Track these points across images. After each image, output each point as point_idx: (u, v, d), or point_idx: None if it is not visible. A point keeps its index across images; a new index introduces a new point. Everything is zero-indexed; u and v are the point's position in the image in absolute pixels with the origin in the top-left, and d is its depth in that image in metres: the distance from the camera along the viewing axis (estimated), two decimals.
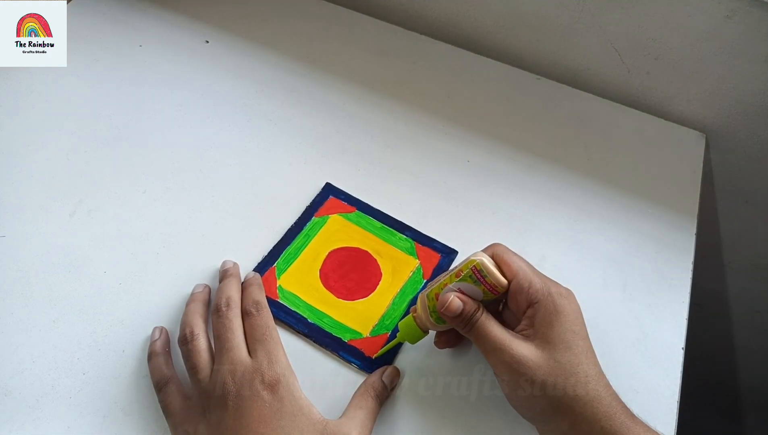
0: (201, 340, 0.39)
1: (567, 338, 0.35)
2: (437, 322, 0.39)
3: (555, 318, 0.36)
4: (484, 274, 0.37)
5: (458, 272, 0.38)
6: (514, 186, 0.53)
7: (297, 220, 0.49)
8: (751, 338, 0.79)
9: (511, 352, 0.35)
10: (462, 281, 0.38)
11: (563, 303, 0.37)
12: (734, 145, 0.60)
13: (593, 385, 0.34)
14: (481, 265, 0.37)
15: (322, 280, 0.46)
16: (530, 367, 0.35)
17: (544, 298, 0.36)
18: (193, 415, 0.36)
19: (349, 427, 0.36)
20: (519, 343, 0.36)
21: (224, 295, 0.41)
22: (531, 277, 0.37)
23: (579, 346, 0.36)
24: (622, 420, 0.34)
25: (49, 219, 0.48)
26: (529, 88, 0.62)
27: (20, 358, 0.41)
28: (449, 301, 0.37)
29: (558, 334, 0.35)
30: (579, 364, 0.35)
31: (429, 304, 0.39)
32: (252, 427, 0.34)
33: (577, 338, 0.36)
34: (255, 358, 0.37)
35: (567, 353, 0.35)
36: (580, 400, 0.34)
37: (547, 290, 0.37)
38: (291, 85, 0.60)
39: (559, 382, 0.34)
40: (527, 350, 0.35)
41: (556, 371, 0.35)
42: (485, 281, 0.37)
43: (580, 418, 0.34)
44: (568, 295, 0.38)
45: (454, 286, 0.38)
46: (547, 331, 0.36)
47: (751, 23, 0.51)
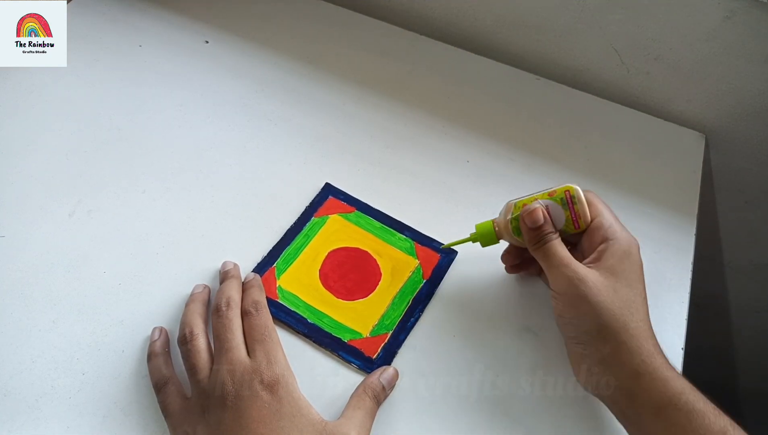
0: (200, 340, 0.39)
1: (631, 277, 0.38)
2: (514, 232, 0.41)
3: (626, 257, 0.38)
4: (575, 201, 0.40)
5: (552, 192, 0.41)
6: (514, 186, 0.53)
7: (296, 220, 0.49)
8: (751, 338, 0.79)
9: (575, 268, 0.38)
10: (552, 200, 0.40)
11: (635, 250, 0.39)
12: (734, 146, 0.60)
13: (641, 323, 0.37)
14: (575, 192, 0.40)
15: (322, 281, 0.46)
16: (589, 286, 0.37)
17: (621, 238, 0.39)
18: (192, 415, 0.36)
19: (348, 427, 0.36)
20: (584, 266, 0.38)
21: (224, 295, 0.41)
22: (612, 220, 0.40)
23: (638, 288, 0.38)
24: (661, 361, 0.36)
25: (48, 219, 0.48)
26: (529, 88, 0.62)
27: (20, 358, 0.41)
28: (533, 208, 0.40)
29: (624, 270, 0.38)
30: (634, 301, 0.37)
31: (514, 212, 0.41)
32: (251, 427, 0.34)
33: (639, 282, 0.38)
34: (254, 359, 0.37)
35: (626, 288, 0.37)
36: (627, 331, 0.36)
37: (625, 234, 0.40)
38: (291, 85, 0.60)
39: (613, 308, 0.36)
40: (590, 273, 0.38)
41: (613, 298, 0.37)
42: (573, 208, 0.40)
43: (623, 347, 0.36)
44: (639, 249, 0.40)
45: (542, 202, 0.40)
46: (616, 264, 0.38)
47: (751, 23, 0.51)
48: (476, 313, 0.45)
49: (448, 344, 0.43)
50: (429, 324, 0.44)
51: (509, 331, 0.44)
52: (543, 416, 0.40)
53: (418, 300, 0.45)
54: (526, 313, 0.45)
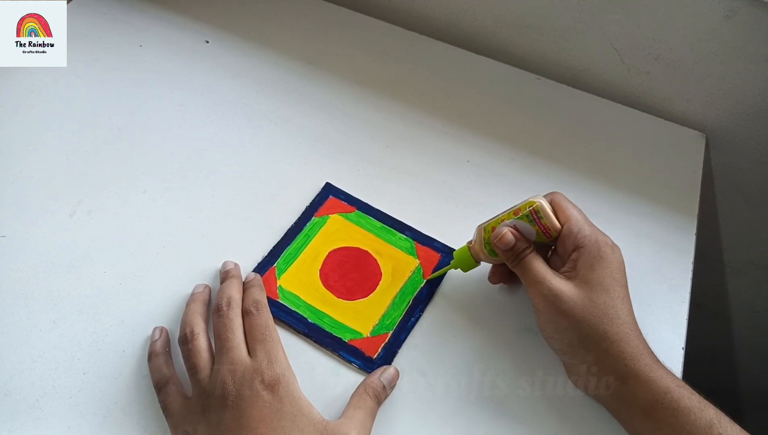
0: (201, 339, 0.39)
1: (605, 282, 0.38)
2: (490, 254, 0.42)
3: (597, 262, 0.38)
4: (540, 216, 0.40)
5: (516, 211, 0.41)
6: (514, 186, 0.53)
7: (297, 220, 0.49)
8: (751, 338, 0.79)
9: (550, 285, 0.38)
10: (519, 219, 0.40)
11: (607, 251, 0.39)
12: (734, 145, 0.60)
13: (622, 327, 0.37)
14: (539, 207, 0.40)
15: (322, 280, 0.46)
16: (565, 301, 0.37)
17: (590, 243, 0.39)
18: (192, 415, 0.36)
19: (349, 427, 0.36)
20: (559, 279, 0.38)
21: (225, 294, 0.41)
22: (582, 224, 0.40)
23: (616, 292, 0.38)
24: (646, 362, 0.36)
25: (49, 219, 0.48)
26: (529, 88, 0.62)
27: (20, 358, 0.41)
28: (503, 233, 0.40)
29: (597, 277, 0.38)
30: (613, 306, 0.37)
31: (484, 236, 0.42)
32: (252, 426, 0.34)
33: (615, 284, 0.38)
34: (255, 358, 0.37)
35: (603, 295, 0.37)
36: (607, 338, 0.36)
37: (594, 238, 0.39)
38: (291, 85, 0.60)
39: (590, 319, 0.37)
40: (565, 286, 0.38)
41: (590, 309, 0.37)
42: (540, 223, 0.40)
43: (605, 354, 0.36)
44: (614, 247, 0.40)
45: (510, 223, 0.40)
46: (588, 273, 0.38)
47: (751, 23, 0.51)
48: (477, 313, 0.45)
49: (449, 344, 0.43)
50: (429, 324, 0.44)
51: (509, 331, 0.44)
52: (543, 416, 0.40)
53: (418, 300, 0.45)
54: (526, 313, 0.45)
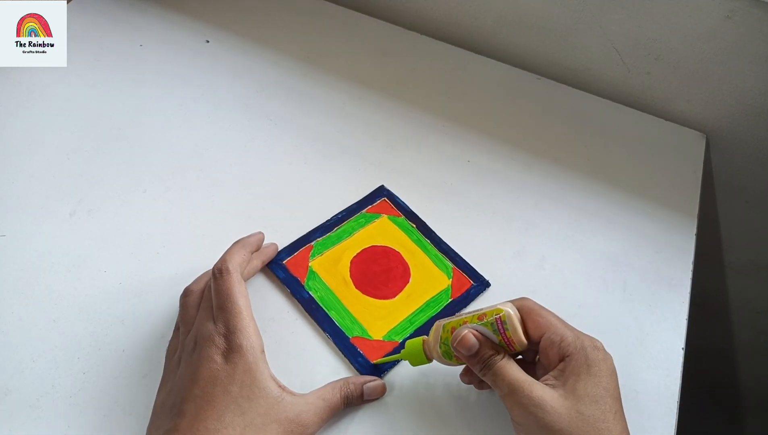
0: (192, 297, 0.41)
1: (595, 393, 0.34)
2: (443, 356, 0.38)
3: (586, 371, 0.34)
4: (506, 327, 0.36)
5: (481, 316, 0.37)
6: (514, 186, 0.53)
7: (346, 209, 0.50)
8: (751, 338, 0.79)
9: (529, 393, 0.34)
10: (483, 326, 0.36)
11: (597, 358, 0.35)
12: (735, 146, 0.60)
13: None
14: (506, 317, 0.36)
15: (351, 270, 0.46)
16: (548, 412, 0.33)
17: (577, 351, 0.35)
18: (172, 363, 0.39)
19: (305, 411, 0.36)
20: (540, 386, 0.34)
21: (222, 258, 0.41)
22: (562, 331, 0.36)
23: (607, 404, 0.34)
24: None
25: (49, 218, 0.48)
26: (529, 88, 0.62)
27: (20, 358, 0.41)
28: (462, 335, 0.36)
29: (586, 387, 0.34)
30: (604, 420, 0.33)
31: (442, 335, 0.38)
32: (201, 385, 0.35)
33: (607, 396, 0.34)
34: (216, 325, 0.37)
35: (592, 407, 0.33)
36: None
37: (580, 344, 0.35)
38: (291, 85, 0.60)
39: (579, 434, 0.32)
40: (548, 395, 0.34)
41: (578, 423, 0.33)
42: (505, 335, 0.36)
43: None
44: (605, 354, 0.36)
45: (472, 327, 0.37)
46: (575, 383, 0.34)
47: (751, 23, 0.51)
48: None
49: None
50: None
51: None
52: None
53: (438, 317, 0.44)
54: None
